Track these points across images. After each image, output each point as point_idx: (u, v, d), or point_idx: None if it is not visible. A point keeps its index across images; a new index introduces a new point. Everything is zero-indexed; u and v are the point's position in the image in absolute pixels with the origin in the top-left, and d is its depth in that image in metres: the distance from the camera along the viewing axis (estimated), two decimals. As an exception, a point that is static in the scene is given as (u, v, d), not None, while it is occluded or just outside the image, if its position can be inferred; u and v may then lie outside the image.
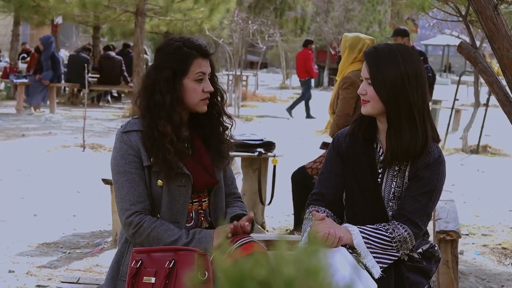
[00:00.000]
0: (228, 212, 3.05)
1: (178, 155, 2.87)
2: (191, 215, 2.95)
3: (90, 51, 18.50)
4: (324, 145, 5.68)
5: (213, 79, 2.99)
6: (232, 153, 3.11)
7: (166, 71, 2.88)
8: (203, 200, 3.00)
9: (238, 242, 2.75)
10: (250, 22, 20.13)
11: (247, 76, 23.28)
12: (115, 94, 19.89)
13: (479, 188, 8.81)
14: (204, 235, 2.83)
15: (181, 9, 16.00)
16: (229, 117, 3.10)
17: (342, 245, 2.75)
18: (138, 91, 2.99)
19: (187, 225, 2.93)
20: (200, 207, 2.99)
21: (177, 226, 2.86)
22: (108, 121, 14.48)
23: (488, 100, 12.38)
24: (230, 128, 3.09)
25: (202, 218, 2.99)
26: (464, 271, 5.30)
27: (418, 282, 2.90)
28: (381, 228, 2.80)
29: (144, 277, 2.70)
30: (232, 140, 3.09)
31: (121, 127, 2.96)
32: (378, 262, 2.77)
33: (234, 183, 3.17)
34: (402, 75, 2.79)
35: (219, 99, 3.04)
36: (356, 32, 5.84)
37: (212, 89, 2.94)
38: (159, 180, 2.87)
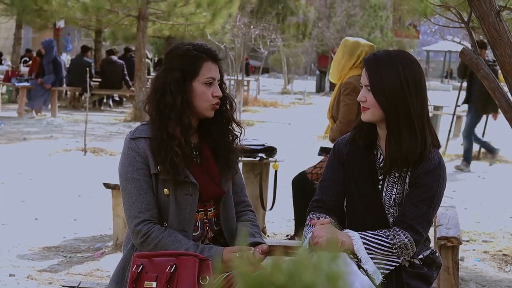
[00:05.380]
0: (239, 229, 3.00)
1: (186, 159, 2.83)
2: (197, 224, 2.93)
3: (90, 50, 18.44)
4: (322, 151, 5.65)
5: (221, 86, 2.96)
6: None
7: (176, 72, 2.85)
8: (208, 209, 2.97)
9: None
10: (252, 27, 20.17)
11: (248, 81, 23.28)
12: (117, 98, 19.90)
13: (480, 195, 8.80)
14: (213, 253, 2.78)
15: (184, 14, 16.02)
16: (238, 124, 3.05)
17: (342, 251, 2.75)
18: (147, 96, 2.95)
19: (193, 234, 2.91)
20: (205, 217, 2.97)
21: (184, 235, 2.84)
22: (110, 125, 14.48)
23: (489, 106, 12.35)
24: (239, 136, 3.04)
25: (208, 228, 2.97)
26: (464, 277, 5.29)
27: (418, 288, 2.90)
28: (381, 234, 2.80)
29: (145, 282, 2.69)
30: (240, 147, 3.04)
31: (130, 133, 2.93)
32: (378, 268, 2.77)
33: (244, 191, 3.13)
34: (401, 81, 2.79)
35: (228, 106, 3.00)
36: (358, 37, 5.78)
37: (221, 94, 2.91)
38: (165, 189, 2.84)
